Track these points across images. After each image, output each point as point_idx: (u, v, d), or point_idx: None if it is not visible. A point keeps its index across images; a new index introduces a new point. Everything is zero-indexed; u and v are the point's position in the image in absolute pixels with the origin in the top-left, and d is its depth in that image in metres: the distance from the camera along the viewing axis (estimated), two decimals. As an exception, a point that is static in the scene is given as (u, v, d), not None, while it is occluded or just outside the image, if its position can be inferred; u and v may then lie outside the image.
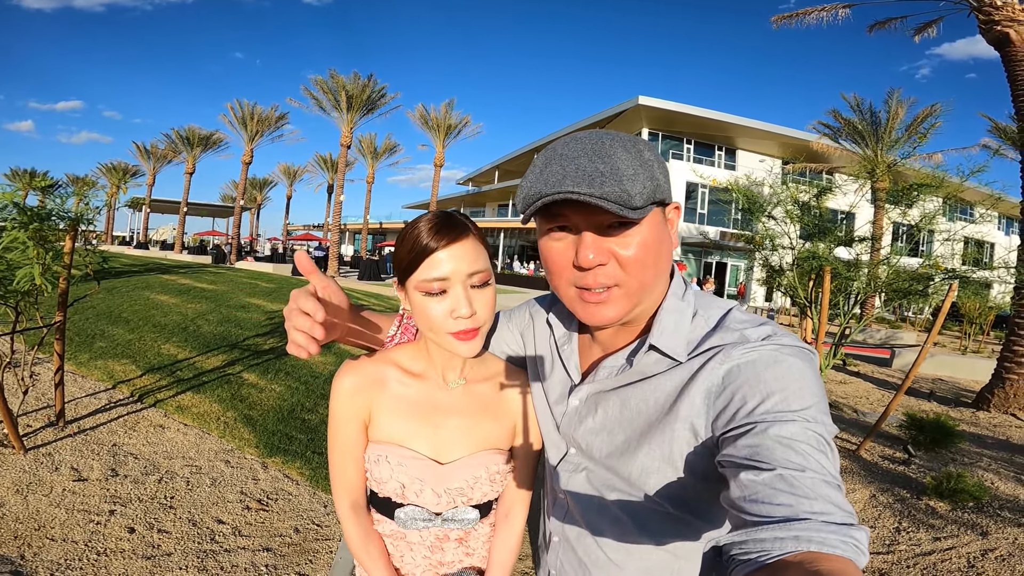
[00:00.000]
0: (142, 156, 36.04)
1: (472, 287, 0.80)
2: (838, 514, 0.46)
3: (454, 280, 0.78)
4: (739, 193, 5.42)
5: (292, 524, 2.82)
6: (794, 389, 0.58)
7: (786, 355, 0.62)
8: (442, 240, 0.78)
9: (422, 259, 0.78)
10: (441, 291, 0.78)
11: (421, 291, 0.79)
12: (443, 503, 0.88)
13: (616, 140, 0.68)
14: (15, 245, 3.11)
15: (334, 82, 22.98)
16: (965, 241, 5.65)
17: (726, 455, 0.57)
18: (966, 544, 3.07)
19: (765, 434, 0.54)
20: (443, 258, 0.78)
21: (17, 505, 2.68)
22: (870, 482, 3.94)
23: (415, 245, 0.78)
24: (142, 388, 4.65)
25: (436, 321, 0.79)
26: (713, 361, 0.65)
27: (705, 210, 26.53)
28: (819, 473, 0.50)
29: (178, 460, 3.41)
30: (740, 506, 0.50)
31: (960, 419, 6.32)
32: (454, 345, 0.80)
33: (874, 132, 19.91)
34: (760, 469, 0.51)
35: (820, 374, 3.28)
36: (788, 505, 0.47)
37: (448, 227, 0.79)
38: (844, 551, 0.43)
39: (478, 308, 0.80)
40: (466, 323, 0.79)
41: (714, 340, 0.68)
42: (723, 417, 0.61)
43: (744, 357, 0.63)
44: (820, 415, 0.56)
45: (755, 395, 0.59)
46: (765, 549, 0.45)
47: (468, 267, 0.79)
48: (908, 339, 13.96)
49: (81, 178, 36.07)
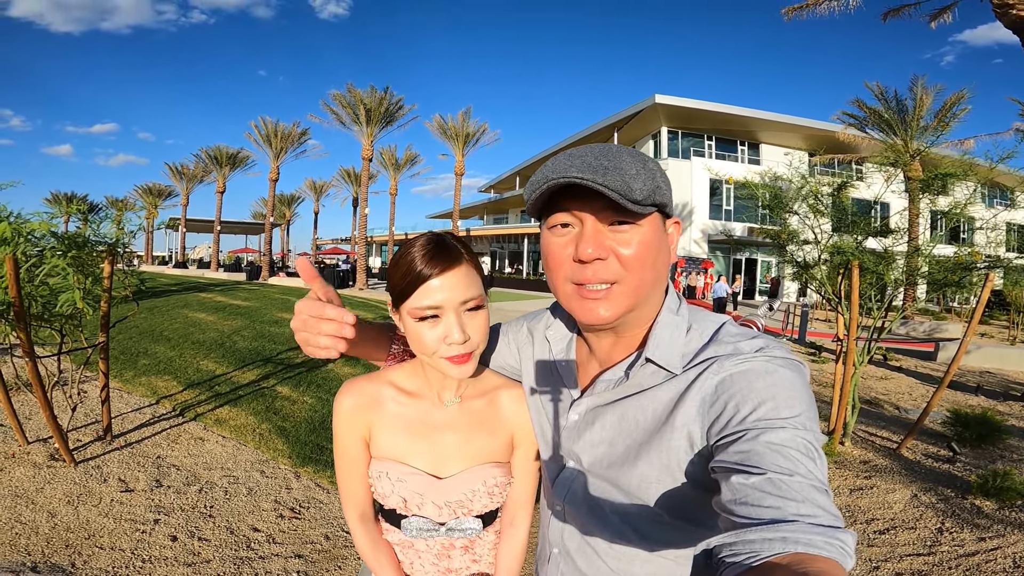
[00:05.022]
0: (175, 177, 37.37)
1: (466, 311, 0.80)
2: (825, 517, 0.48)
3: (447, 308, 0.79)
4: (755, 189, 5.31)
5: (323, 531, 2.90)
6: (784, 398, 0.60)
7: (777, 366, 0.64)
8: (435, 268, 0.78)
9: (416, 287, 0.78)
10: (434, 316, 0.79)
11: (414, 317, 0.80)
12: (445, 514, 0.91)
13: (623, 148, 0.71)
14: (55, 272, 3.29)
15: (352, 96, 23.44)
16: (1007, 227, 5.40)
17: (718, 460, 0.58)
18: (1012, 544, 2.94)
19: (756, 440, 0.56)
20: (436, 286, 0.78)
21: (68, 515, 2.84)
22: (912, 481, 3.79)
23: (409, 271, 0.78)
24: (183, 403, 4.85)
25: (429, 346, 0.80)
26: (707, 372, 0.67)
27: (731, 206, 25.98)
28: (807, 478, 0.51)
29: (217, 471, 3.55)
30: (730, 509, 0.52)
31: (1009, 414, 6.03)
32: (447, 368, 0.82)
33: (901, 120, 19.32)
34: (750, 473, 0.53)
35: (856, 372, 3.16)
36: (776, 508, 0.49)
37: (442, 254, 0.79)
38: (830, 552, 0.44)
39: (471, 333, 0.80)
40: (459, 348, 0.80)
41: (708, 352, 0.70)
42: (717, 425, 0.63)
43: (737, 368, 0.65)
44: (809, 423, 0.58)
45: (747, 403, 0.61)
46: (754, 551, 0.46)
47: (461, 295, 0.79)
48: (954, 331, 13.35)
49: (120, 200, 37.69)
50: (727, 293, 17.70)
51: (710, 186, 25.38)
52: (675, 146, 26.69)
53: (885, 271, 4.55)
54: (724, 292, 17.40)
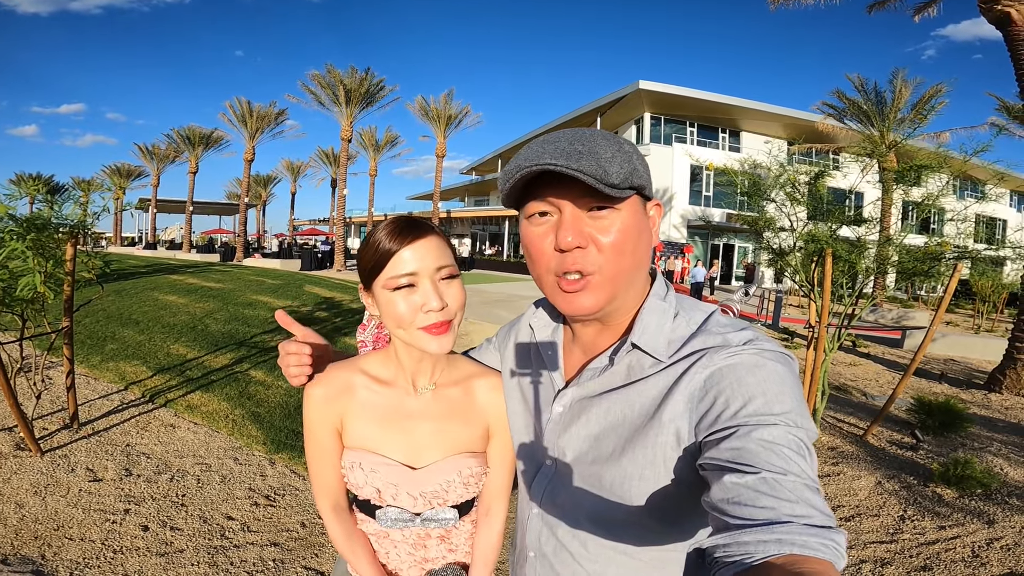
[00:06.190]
0: (145, 157, 36.19)
1: (441, 279, 0.81)
2: (818, 517, 0.47)
3: (422, 275, 0.79)
4: (734, 176, 5.35)
5: (299, 519, 2.88)
6: (775, 393, 0.59)
7: (767, 359, 0.63)
8: (405, 240, 0.79)
9: (387, 259, 0.79)
10: (410, 285, 0.79)
11: (389, 288, 0.80)
12: (420, 505, 0.90)
13: (597, 132, 0.69)
14: (15, 255, 3.16)
15: (331, 77, 22.90)
16: (976, 219, 5.56)
17: (708, 458, 0.57)
18: (971, 533, 3.02)
19: (748, 437, 0.55)
20: (408, 256, 0.79)
21: (36, 507, 2.76)
22: (876, 468, 3.91)
23: (379, 249, 0.80)
24: (153, 388, 4.73)
25: (406, 317, 0.80)
26: (696, 366, 0.66)
27: (711, 192, 26.26)
28: (800, 477, 0.51)
29: (189, 458, 3.48)
30: (723, 508, 0.51)
31: (971, 401, 6.27)
32: (425, 342, 0.81)
33: (879, 112, 19.70)
34: (743, 472, 0.52)
35: (826, 359, 3.22)
36: (771, 508, 0.48)
37: (410, 227, 0.80)
38: (824, 554, 0.44)
39: (448, 300, 0.81)
40: (437, 316, 0.80)
41: (696, 344, 0.68)
42: (705, 420, 0.61)
43: (726, 361, 0.64)
44: (800, 419, 0.57)
45: (737, 398, 0.59)
46: (748, 552, 0.46)
47: (434, 262, 0.80)
48: (921, 319, 13.80)
49: (87, 181, 36.30)
50: (704, 278, 17.96)
51: (691, 172, 25.59)
52: (657, 132, 26.75)
53: (857, 259, 4.64)
54: (701, 277, 17.66)
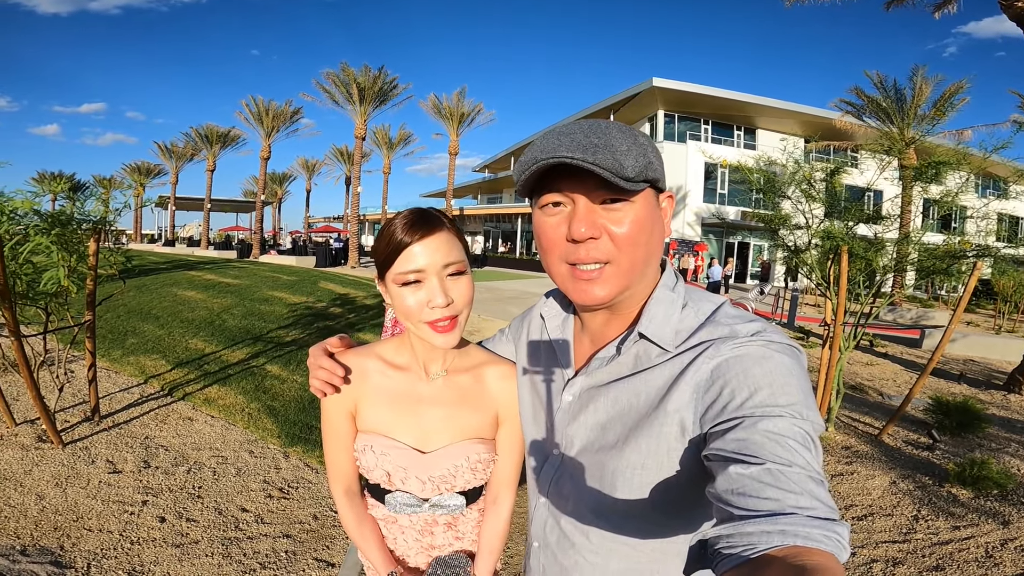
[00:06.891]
0: (164, 155, 36.78)
1: (448, 276, 0.83)
2: (822, 509, 0.48)
3: (429, 271, 0.82)
4: (749, 173, 5.29)
5: (311, 511, 2.93)
6: (781, 384, 0.59)
7: (774, 351, 0.63)
8: (416, 234, 0.81)
9: (398, 253, 0.82)
10: (417, 281, 0.82)
11: (398, 283, 0.83)
12: (428, 490, 0.92)
13: (612, 124, 0.69)
14: (39, 250, 3.25)
15: (345, 75, 23.10)
16: (998, 217, 5.43)
17: (714, 448, 0.57)
18: (986, 534, 2.99)
19: (754, 428, 0.55)
20: (418, 251, 0.81)
21: (56, 498, 2.84)
22: (891, 468, 3.86)
23: (391, 241, 0.82)
24: (172, 382, 4.84)
25: (413, 311, 0.83)
26: (703, 356, 0.66)
27: (725, 190, 25.95)
28: (805, 468, 0.51)
29: (205, 451, 3.56)
30: (727, 499, 0.51)
31: (990, 402, 6.14)
32: (431, 336, 0.84)
33: (899, 109, 19.30)
34: (748, 463, 0.52)
35: (841, 358, 3.19)
36: (775, 499, 0.48)
37: (422, 222, 0.82)
38: (827, 546, 0.45)
39: (455, 297, 0.83)
40: (442, 312, 0.82)
41: (703, 334, 0.69)
42: (712, 411, 0.62)
43: (733, 352, 0.64)
44: (806, 411, 0.57)
45: (743, 390, 0.59)
46: (751, 543, 0.46)
47: (443, 259, 0.82)
48: (941, 319, 13.51)
49: (107, 179, 37.03)
50: (721, 275, 17.78)
51: (705, 170, 25.30)
52: (671, 129, 26.49)
53: (874, 257, 4.57)
54: (718, 275, 17.47)
